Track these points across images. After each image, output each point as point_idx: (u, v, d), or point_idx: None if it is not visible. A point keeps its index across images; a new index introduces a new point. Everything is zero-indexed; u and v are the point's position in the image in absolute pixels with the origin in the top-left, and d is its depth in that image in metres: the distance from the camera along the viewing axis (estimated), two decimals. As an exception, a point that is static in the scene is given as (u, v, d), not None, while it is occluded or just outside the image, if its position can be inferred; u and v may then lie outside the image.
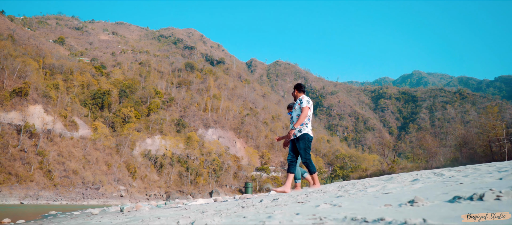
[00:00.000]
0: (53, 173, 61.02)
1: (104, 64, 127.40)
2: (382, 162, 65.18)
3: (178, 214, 3.78)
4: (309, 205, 2.83)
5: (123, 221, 2.91)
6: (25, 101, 71.52)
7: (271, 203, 3.50)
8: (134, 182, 73.83)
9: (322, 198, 3.48)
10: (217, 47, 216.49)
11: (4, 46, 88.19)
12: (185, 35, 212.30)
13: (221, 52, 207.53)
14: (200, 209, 4.33)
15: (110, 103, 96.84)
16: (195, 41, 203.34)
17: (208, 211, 3.60)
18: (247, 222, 2.12)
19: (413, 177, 5.90)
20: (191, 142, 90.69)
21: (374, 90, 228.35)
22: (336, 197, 3.48)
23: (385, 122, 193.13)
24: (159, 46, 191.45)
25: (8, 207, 25.73)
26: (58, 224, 3.32)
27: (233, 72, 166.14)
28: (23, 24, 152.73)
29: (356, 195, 3.48)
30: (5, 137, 60.81)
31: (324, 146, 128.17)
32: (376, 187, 4.32)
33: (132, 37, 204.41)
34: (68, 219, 4.08)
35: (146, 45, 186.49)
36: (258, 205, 3.61)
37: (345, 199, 3.10)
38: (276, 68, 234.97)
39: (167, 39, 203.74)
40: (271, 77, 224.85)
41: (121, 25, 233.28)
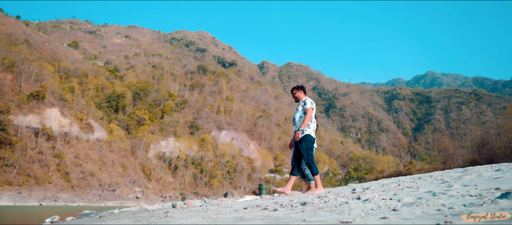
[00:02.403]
0: (70, 175, 61.73)
1: (118, 67, 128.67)
2: (398, 163, 64.55)
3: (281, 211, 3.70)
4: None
5: (203, 218, 2.87)
6: (42, 104, 72.54)
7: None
8: (149, 184, 74.32)
9: (430, 186, 3.40)
10: (229, 49, 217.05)
11: (20, 50, 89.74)
12: (197, 37, 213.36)
13: (233, 54, 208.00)
14: (278, 203, 4.23)
15: (124, 106, 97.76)
16: (207, 44, 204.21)
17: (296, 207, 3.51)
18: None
19: (485, 170, 5.80)
20: (204, 144, 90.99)
21: (388, 91, 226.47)
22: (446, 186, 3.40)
23: (399, 123, 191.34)
24: (171, 48, 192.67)
25: (29, 209, 26.04)
26: (122, 223, 3.29)
27: (245, 74, 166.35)
28: (38, 29, 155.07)
29: (464, 180, 3.40)
30: (23, 140, 61.73)
31: (337, 148, 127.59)
32: (470, 175, 4.26)
33: (144, 40, 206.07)
34: (128, 216, 4.07)
35: (159, 48, 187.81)
36: (337, 200, 3.55)
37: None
38: (288, 70, 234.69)
39: (179, 42, 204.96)
40: (283, 78, 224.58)
41: (133, 28, 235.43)
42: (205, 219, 2.70)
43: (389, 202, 2.55)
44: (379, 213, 2.05)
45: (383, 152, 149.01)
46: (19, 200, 49.57)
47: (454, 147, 57.63)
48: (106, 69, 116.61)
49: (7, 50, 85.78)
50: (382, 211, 2.12)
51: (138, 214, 5.03)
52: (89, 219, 5.47)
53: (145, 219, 3.31)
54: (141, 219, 3.26)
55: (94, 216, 7.44)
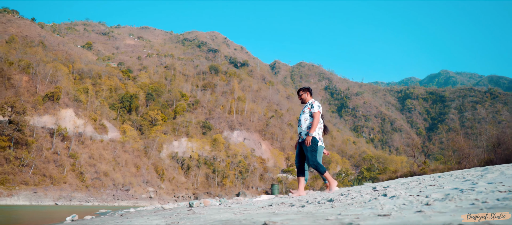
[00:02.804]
0: (85, 175, 62.49)
1: (131, 68, 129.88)
2: (412, 163, 63.87)
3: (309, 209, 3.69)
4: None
5: (235, 214, 2.86)
6: (57, 105, 73.58)
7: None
8: (162, 184, 74.84)
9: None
10: (240, 49, 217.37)
11: (36, 52, 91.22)
12: (209, 38, 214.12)
13: (245, 55, 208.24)
14: (303, 200, 4.21)
15: (137, 106, 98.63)
16: (219, 44, 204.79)
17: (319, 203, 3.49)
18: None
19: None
20: (217, 144, 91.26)
21: (401, 91, 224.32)
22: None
23: (412, 123, 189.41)
24: (183, 49, 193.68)
25: (45, 208, 26.43)
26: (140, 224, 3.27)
27: (257, 74, 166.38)
28: (53, 31, 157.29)
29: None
30: (39, 140, 62.69)
31: (350, 148, 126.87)
32: (492, 174, 4.21)
33: (157, 41, 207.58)
34: (149, 214, 4.09)
35: (171, 48, 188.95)
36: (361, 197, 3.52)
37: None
38: (299, 70, 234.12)
39: (191, 43, 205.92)
40: (295, 78, 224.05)
41: (146, 29, 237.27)
42: (237, 214, 2.68)
43: (418, 198, 2.51)
44: (413, 207, 2.02)
45: (396, 152, 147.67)
46: (35, 200, 50.34)
47: (469, 147, 56.81)
48: (119, 70, 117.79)
49: (23, 52, 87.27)
50: (415, 206, 2.08)
51: (158, 212, 5.04)
52: (111, 218, 5.51)
53: (173, 216, 3.31)
54: (169, 216, 3.26)
55: (112, 215, 7.49)
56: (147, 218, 3.37)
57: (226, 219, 2.39)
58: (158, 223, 2.64)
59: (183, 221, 2.56)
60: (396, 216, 1.72)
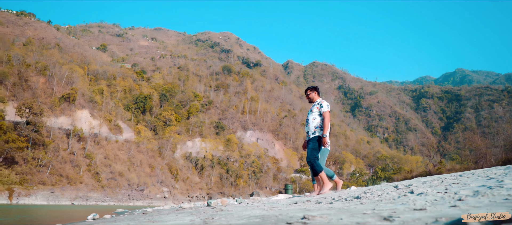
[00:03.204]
0: (100, 175, 63.26)
1: (145, 69, 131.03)
2: (427, 163, 63.03)
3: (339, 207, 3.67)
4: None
5: (265, 210, 2.86)
6: (73, 106, 74.65)
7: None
8: (176, 184, 75.32)
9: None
10: (253, 49, 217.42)
11: (52, 54, 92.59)
12: (222, 38, 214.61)
13: (257, 55, 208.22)
14: (318, 199, 4.20)
15: (151, 107, 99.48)
16: (232, 44, 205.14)
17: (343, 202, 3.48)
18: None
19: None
20: (230, 145, 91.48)
21: (415, 90, 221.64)
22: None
23: (427, 122, 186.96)
24: (196, 50, 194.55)
25: (62, 207, 26.85)
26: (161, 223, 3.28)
27: (270, 74, 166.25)
28: (68, 33, 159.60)
29: None
30: (56, 141, 63.65)
31: (364, 148, 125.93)
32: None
33: (170, 42, 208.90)
34: (174, 213, 4.11)
35: (184, 49, 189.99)
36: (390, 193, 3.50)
37: None
38: (313, 69, 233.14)
39: (204, 43, 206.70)
40: (308, 78, 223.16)
41: (159, 30, 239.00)
42: (268, 211, 2.68)
43: (447, 194, 2.48)
44: (446, 203, 1.99)
45: (411, 151, 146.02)
46: (53, 199, 51.14)
47: (486, 146, 55.86)
48: (133, 71, 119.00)
49: (39, 54, 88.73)
50: (448, 201, 2.06)
51: (180, 211, 5.07)
52: (134, 216, 5.55)
53: (202, 213, 3.32)
54: (196, 214, 3.27)
55: (131, 214, 7.56)
56: (176, 216, 3.39)
57: (260, 215, 2.39)
58: (191, 220, 2.65)
59: (217, 217, 2.56)
60: (433, 210, 1.72)
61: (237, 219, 2.27)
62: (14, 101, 64.88)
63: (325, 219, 1.71)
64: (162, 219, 3.14)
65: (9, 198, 46.07)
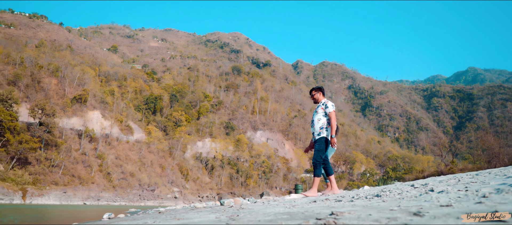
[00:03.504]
0: (112, 175, 63.79)
1: (155, 70, 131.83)
2: (439, 163, 62.31)
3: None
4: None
5: (288, 208, 2.85)
6: (84, 107, 75.39)
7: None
8: (187, 184, 75.64)
9: None
10: (262, 49, 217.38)
11: (64, 56, 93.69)
12: (231, 39, 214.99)
13: (267, 55, 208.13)
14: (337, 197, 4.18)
15: (162, 108, 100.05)
16: (241, 45, 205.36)
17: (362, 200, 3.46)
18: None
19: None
20: (240, 145, 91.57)
21: (426, 89, 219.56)
22: None
23: (439, 121, 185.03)
24: (206, 50, 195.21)
25: (75, 207, 27.14)
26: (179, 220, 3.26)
27: (280, 74, 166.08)
28: (80, 35, 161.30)
29: None
30: (68, 141, 64.37)
31: (374, 147, 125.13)
32: None
33: (180, 43, 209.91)
34: (188, 213, 4.11)
35: (194, 50, 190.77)
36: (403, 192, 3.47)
37: None
38: (322, 69, 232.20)
39: (214, 44, 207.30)
40: (318, 78, 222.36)
41: (169, 31, 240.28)
42: (291, 208, 2.67)
43: (468, 192, 2.45)
44: (470, 200, 1.96)
45: (423, 151, 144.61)
46: (65, 199, 51.69)
47: (499, 146, 55.12)
48: (144, 72, 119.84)
49: (52, 56, 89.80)
50: (472, 198, 2.03)
51: (195, 210, 5.08)
52: (152, 216, 5.58)
53: (224, 211, 3.31)
54: (222, 212, 3.26)
55: (145, 214, 7.60)
56: (198, 214, 3.39)
57: (286, 212, 2.38)
58: (216, 217, 2.65)
59: (242, 214, 2.55)
60: (459, 207, 1.71)
61: (263, 216, 2.26)
62: (27, 102, 65.74)
63: (354, 215, 1.71)
64: (186, 217, 3.13)
65: (22, 198, 46.66)
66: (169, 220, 2.98)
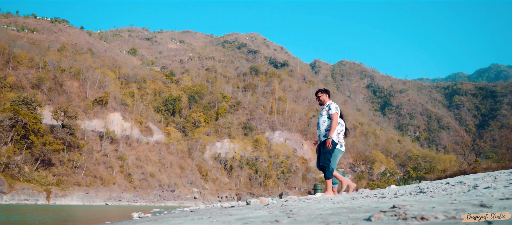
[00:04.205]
0: (132, 176, 64.68)
1: (173, 71, 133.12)
2: (462, 162, 60.95)
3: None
4: None
5: (336, 203, 2.83)
6: (105, 109, 76.66)
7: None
8: (206, 185, 76.10)
9: None
10: (280, 49, 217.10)
11: (85, 59, 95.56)
12: (248, 39, 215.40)
13: (284, 55, 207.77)
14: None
15: (180, 109, 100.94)
16: (258, 45, 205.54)
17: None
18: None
19: None
20: (258, 145, 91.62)
21: (447, 87, 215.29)
22: None
23: (461, 120, 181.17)
24: (223, 51, 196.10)
25: (97, 207, 27.63)
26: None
27: (297, 74, 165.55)
28: (100, 38, 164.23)
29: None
30: (89, 143, 65.60)
31: (394, 147, 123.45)
32: None
33: (198, 44, 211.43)
34: (220, 210, 4.11)
35: (212, 51, 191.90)
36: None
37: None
38: (340, 68, 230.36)
39: (231, 45, 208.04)
40: (336, 77, 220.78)
41: (187, 33, 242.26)
42: (339, 204, 2.65)
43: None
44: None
45: (444, 150, 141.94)
46: (87, 200, 52.68)
47: (525, 144, 53.71)
48: (163, 74, 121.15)
49: (73, 59, 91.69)
50: (528, 193, 1.98)
51: (227, 209, 5.09)
52: (185, 214, 5.63)
53: (273, 208, 3.31)
54: (272, 208, 3.26)
55: (169, 213, 7.68)
56: (248, 211, 3.39)
57: (338, 207, 2.35)
58: (270, 212, 2.64)
59: (295, 210, 2.54)
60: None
61: (320, 210, 2.24)
62: (50, 105, 67.23)
63: (416, 207, 1.71)
64: (239, 213, 3.13)
65: (47, 199, 47.75)
66: (222, 216, 2.96)
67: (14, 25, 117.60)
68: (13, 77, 66.83)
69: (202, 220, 2.87)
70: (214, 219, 2.75)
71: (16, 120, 51.39)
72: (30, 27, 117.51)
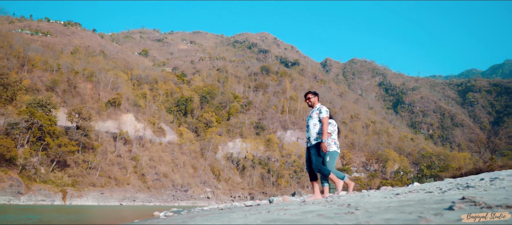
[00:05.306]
0: (146, 176, 65.20)
1: (185, 72, 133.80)
2: (477, 160, 60.06)
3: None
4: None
5: (385, 198, 2.85)
6: (118, 110, 77.36)
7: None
8: (219, 184, 76.35)
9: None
10: (290, 48, 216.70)
11: (97, 61, 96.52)
12: (259, 39, 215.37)
13: (295, 54, 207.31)
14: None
15: (192, 109, 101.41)
16: (269, 45, 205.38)
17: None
18: None
19: None
20: (270, 144, 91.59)
21: (461, 84, 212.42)
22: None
23: (475, 117, 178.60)
24: (234, 51, 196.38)
25: (113, 207, 27.91)
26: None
27: (308, 72, 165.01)
28: (112, 40, 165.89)
29: None
30: (103, 144, 66.30)
31: (408, 145, 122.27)
32: None
33: (208, 44, 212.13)
34: (239, 211, 4.13)
35: (222, 51, 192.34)
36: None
37: None
38: (352, 66, 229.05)
39: (242, 44, 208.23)
40: (347, 75, 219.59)
41: (197, 34, 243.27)
42: (387, 199, 2.67)
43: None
44: None
45: (458, 148, 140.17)
46: (102, 200, 53.27)
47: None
48: (174, 75, 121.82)
49: (86, 62, 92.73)
50: None
51: (254, 208, 5.13)
52: (217, 212, 5.69)
53: (332, 204, 3.33)
54: (326, 204, 3.28)
55: (189, 212, 7.75)
56: (300, 206, 3.41)
57: (401, 200, 2.37)
58: (329, 207, 2.66)
59: (352, 204, 2.56)
60: None
61: (384, 204, 2.26)
62: (64, 107, 68.06)
63: (487, 198, 1.71)
64: (291, 208, 3.16)
65: (63, 199, 48.42)
66: (277, 211, 2.95)
67: (28, 28, 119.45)
68: (28, 80, 67.81)
69: (261, 215, 2.89)
70: (274, 214, 2.75)
71: (32, 122, 52.20)
72: (43, 31, 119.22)
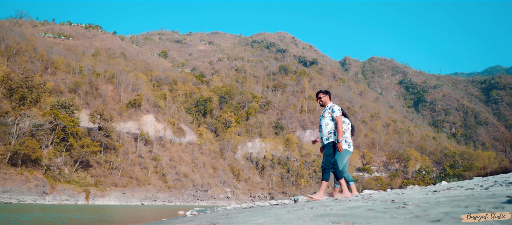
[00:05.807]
0: (166, 176, 65.89)
1: (203, 73, 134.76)
2: (502, 159, 58.46)
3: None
4: None
5: (427, 194, 2.77)
6: (139, 111, 78.44)
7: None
8: (238, 184, 76.55)
9: None
10: (309, 48, 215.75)
11: (118, 63, 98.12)
12: (277, 38, 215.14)
13: (314, 53, 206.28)
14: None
15: (211, 110, 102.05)
16: (287, 44, 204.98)
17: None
18: None
19: None
20: (290, 144, 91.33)
21: (484, 81, 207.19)
22: None
23: (499, 115, 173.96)
24: (252, 51, 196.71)
25: (135, 207, 28.27)
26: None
27: (327, 71, 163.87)
28: (132, 42, 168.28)
29: None
30: (125, 144, 67.31)
31: (430, 144, 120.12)
32: None
33: (226, 45, 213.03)
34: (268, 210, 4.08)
35: (240, 51, 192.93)
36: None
37: None
38: (371, 65, 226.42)
39: (260, 44, 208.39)
40: (366, 74, 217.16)
41: (216, 34, 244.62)
42: (428, 195, 2.58)
43: None
44: None
45: (483, 147, 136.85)
46: (124, 200, 54.07)
47: None
48: (193, 75, 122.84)
49: (107, 64, 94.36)
50: None
51: (276, 208, 5.07)
52: (239, 211, 5.66)
53: (323, 207, 3.28)
54: (372, 201, 3.22)
55: (213, 212, 7.74)
56: (349, 203, 3.34)
57: (448, 195, 2.29)
58: (381, 200, 2.60)
59: (397, 200, 2.48)
60: None
61: (435, 199, 2.17)
62: (86, 108, 69.39)
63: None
64: (332, 204, 3.10)
65: (86, 199, 49.34)
66: (319, 207, 2.88)
67: (51, 32, 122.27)
68: (52, 82, 69.40)
69: (304, 211, 2.83)
70: (320, 210, 2.69)
71: (55, 124, 53.36)
72: (66, 34, 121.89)
